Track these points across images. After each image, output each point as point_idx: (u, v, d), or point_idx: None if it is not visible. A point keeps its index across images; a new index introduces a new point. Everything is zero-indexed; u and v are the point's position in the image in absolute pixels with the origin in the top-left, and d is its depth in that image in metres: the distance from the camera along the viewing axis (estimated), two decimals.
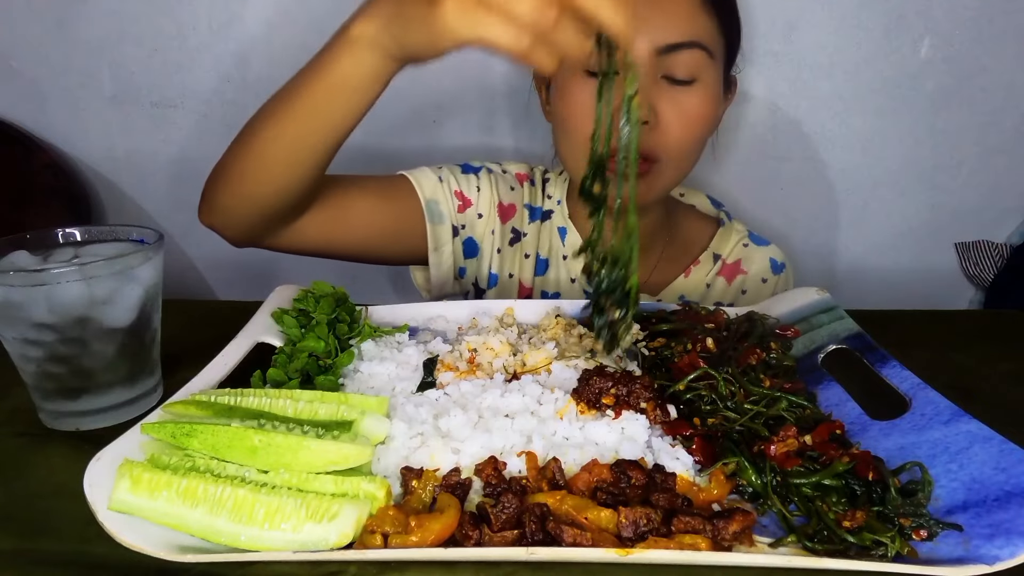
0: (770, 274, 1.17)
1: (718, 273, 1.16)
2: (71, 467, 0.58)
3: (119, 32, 1.41)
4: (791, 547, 0.53)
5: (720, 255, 1.17)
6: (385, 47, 0.73)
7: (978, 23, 1.39)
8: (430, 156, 1.51)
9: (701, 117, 0.97)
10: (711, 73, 0.97)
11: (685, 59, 0.93)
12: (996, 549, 0.49)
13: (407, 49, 0.72)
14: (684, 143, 0.97)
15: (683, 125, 0.96)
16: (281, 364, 0.74)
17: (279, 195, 0.88)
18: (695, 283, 1.16)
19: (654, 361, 0.77)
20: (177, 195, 1.54)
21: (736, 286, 1.17)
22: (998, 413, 0.61)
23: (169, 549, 0.50)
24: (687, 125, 0.96)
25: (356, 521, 0.51)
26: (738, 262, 1.17)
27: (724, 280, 1.17)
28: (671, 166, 0.99)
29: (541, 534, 0.51)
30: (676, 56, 0.92)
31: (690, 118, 0.96)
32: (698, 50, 0.93)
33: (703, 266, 1.16)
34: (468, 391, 0.68)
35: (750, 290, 1.16)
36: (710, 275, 1.16)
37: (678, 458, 0.60)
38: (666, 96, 0.94)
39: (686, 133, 0.97)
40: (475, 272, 1.16)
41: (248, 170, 0.87)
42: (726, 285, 1.16)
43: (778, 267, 1.17)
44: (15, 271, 0.67)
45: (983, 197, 1.55)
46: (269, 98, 0.87)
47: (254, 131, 0.86)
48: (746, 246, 1.18)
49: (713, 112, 0.99)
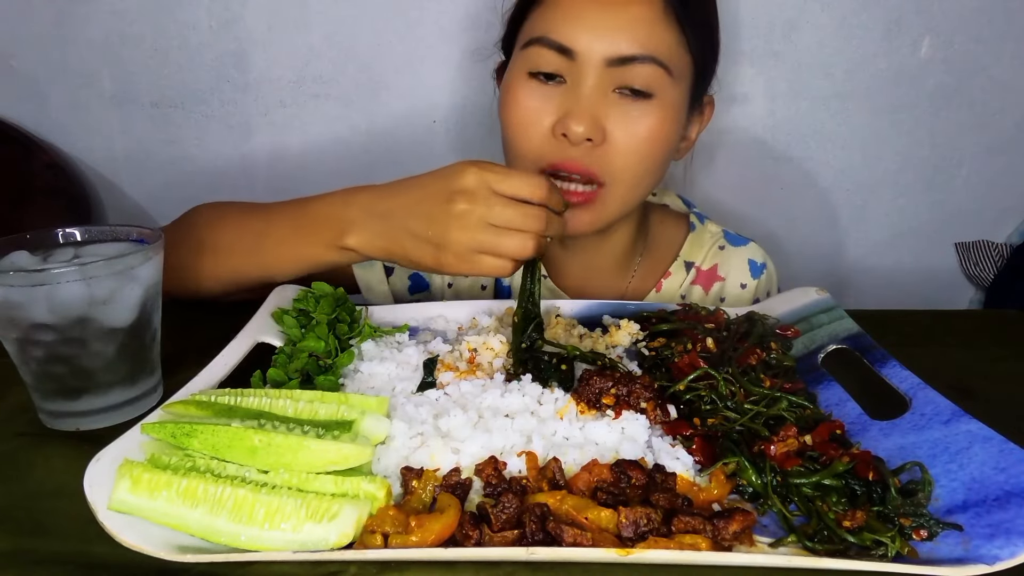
0: (749, 278, 1.11)
1: (692, 282, 1.11)
2: (71, 467, 0.58)
3: (119, 32, 1.41)
4: (791, 547, 0.53)
5: (693, 262, 1.11)
6: (373, 258, 0.85)
7: (978, 23, 1.39)
8: (430, 156, 1.51)
9: (654, 136, 0.88)
10: (671, 92, 0.89)
11: (639, 72, 0.86)
12: (996, 549, 0.49)
13: (399, 264, 0.83)
14: (633, 164, 0.89)
15: (632, 144, 0.88)
16: (281, 364, 0.74)
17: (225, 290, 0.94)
18: (669, 296, 1.10)
19: (654, 361, 0.77)
20: (177, 195, 1.54)
21: (714, 294, 1.11)
22: (998, 413, 0.61)
23: (169, 549, 0.50)
24: (637, 144, 0.88)
25: (356, 521, 0.51)
26: (714, 268, 1.11)
27: (701, 289, 1.11)
28: (619, 190, 0.91)
29: (541, 534, 0.51)
30: (629, 69, 0.85)
31: (641, 136, 0.88)
32: (652, 65, 0.86)
33: (675, 277, 1.10)
34: (468, 391, 0.68)
35: (729, 297, 1.12)
36: (684, 285, 1.10)
37: (678, 458, 0.60)
38: (616, 110, 0.87)
39: (634, 153, 0.88)
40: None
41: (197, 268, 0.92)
42: (703, 294, 1.11)
43: (757, 269, 1.12)
44: (15, 271, 0.67)
45: (983, 197, 1.55)
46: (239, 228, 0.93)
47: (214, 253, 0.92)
48: (722, 248, 1.12)
49: (669, 132, 0.90)
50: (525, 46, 0.90)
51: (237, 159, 1.51)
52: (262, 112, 1.48)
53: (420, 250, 0.78)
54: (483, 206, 0.74)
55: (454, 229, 0.75)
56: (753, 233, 1.19)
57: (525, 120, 0.90)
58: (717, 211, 1.47)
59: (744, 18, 1.40)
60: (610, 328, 0.85)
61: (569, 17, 0.87)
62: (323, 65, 1.44)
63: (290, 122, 1.48)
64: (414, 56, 1.43)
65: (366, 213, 0.82)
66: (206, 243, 0.92)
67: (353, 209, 0.83)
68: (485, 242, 0.75)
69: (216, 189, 1.52)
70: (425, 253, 0.78)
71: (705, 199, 1.50)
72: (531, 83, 0.89)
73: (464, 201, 0.75)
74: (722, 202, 1.52)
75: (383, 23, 1.41)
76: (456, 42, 1.41)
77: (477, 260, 0.76)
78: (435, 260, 0.77)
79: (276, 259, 0.89)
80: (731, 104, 1.46)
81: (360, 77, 1.45)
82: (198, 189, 1.53)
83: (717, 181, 1.52)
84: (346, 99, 1.47)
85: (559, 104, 0.88)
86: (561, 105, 0.88)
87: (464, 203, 0.75)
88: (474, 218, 0.75)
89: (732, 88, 1.45)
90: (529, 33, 0.91)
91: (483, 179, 0.75)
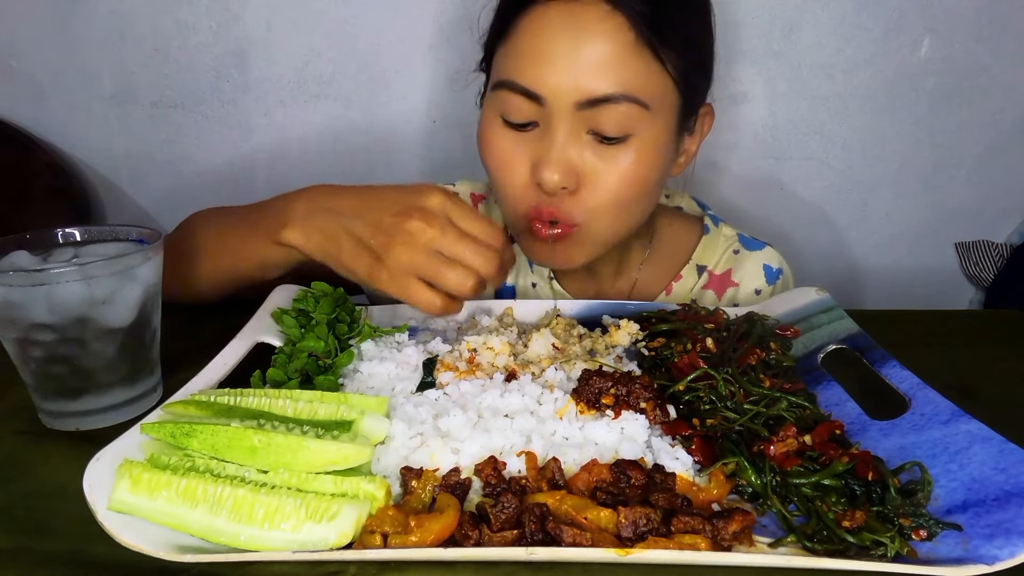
0: (764, 284, 1.07)
1: (704, 286, 1.07)
2: (71, 467, 0.57)
3: (119, 32, 1.41)
4: (791, 547, 0.53)
5: (705, 266, 1.07)
6: (314, 257, 0.80)
7: (978, 23, 1.40)
8: (430, 156, 1.51)
9: (631, 180, 0.84)
10: (650, 128, 0.83)
11: (612, 114, 0.80)
12: (996, 549, 0.49)
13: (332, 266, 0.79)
14: (609, 206, 0.85)
15: (608, 189, 0.84)
16: (281, 364, 0.74)
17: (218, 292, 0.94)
18: (678, 300, 1.06)
19: (654, 361, 0.77)
20: (177, 195, 1.54)
21: (727, 300, 1.07)
22: (998, 413, 0.61)
23: (169, 549, 0.50)
24: (613, 189, 0.84)
25: (356, 521, 0.51)
26: (728, 272, 1.07)
27: (713, 294, 1.07)
28: (597, 227, 0.88)
29: (541, 534, 0.51)
30: (601, 110, 0.80)
31: (617, 182, 0.84)
32: (626, 103, 0.80)
33: (686, 280, 1.06)
34: (468, 391, 0.68)
35: (742, 303, 1.06)
36: (695, 289, 1.06)
37: (678, 458, 0.60)
38: (591, 153, 0.83)
39: (610, 197, 0.84)
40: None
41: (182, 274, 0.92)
42: (716, 300, 1.07)
43: (773, 275, 1.07)
44: (15, 271, 0.67)
45: (983, 197, 1.55)
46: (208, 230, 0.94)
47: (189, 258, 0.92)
48: (737, 252, 1.08)
49: (648, 170, 0.85)
50: (495, 88, 0.87)
51: (237, 159, 1.52)
52: (262, 112, 1.48)
53: (357, 257, 0.75)
54: (437, 230, 0.72)
55: (399, 244, 0.72)
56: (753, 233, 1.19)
57: (502, 165, 0.88)
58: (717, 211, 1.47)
59: (744, 18, 1.40)
60: (610, 328, 0.85)
61: (534, 60, 0.82)
62: (323, 65, 1.44)
63: (290, 122, 1.49)
64: (414, 56, 1.43)
65: (312, 207, 0.80)
66: (193, 247, 0.92)
67: (301, 202, 0.81)
68: (426, 267, 0.72)
69: (216, 189, 1.52)
70: (361, 261, 0.74)
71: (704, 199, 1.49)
72: (503, 130, 0.87)
73: (420, 219, 0.72)
74: (722, 202, 1.52)
75: (383, 23, 1.41)
76: (456, 42, 1.42)
77: (410, 285, 0.72)
78: (368, 271, 0.74)
79: (235, 259, 0.89)
80: (731, 104, 1.46)
81: (360, 77, 1.45)
82: (198, 189, 1.53)
83: (717, 181, 1.52)
84: (346, 99, 1.47)
85: (531, 150, 0.85)
86: (533, 152, 0.85)
87: (419, 221, 0.72)
88: (424, 239, 0.72)
89: (732, 88, 1.45)
90: (497, 74, 0.87)
91: (446, 206, 0.73)
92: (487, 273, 0.73)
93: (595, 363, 0.75)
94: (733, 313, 0.88)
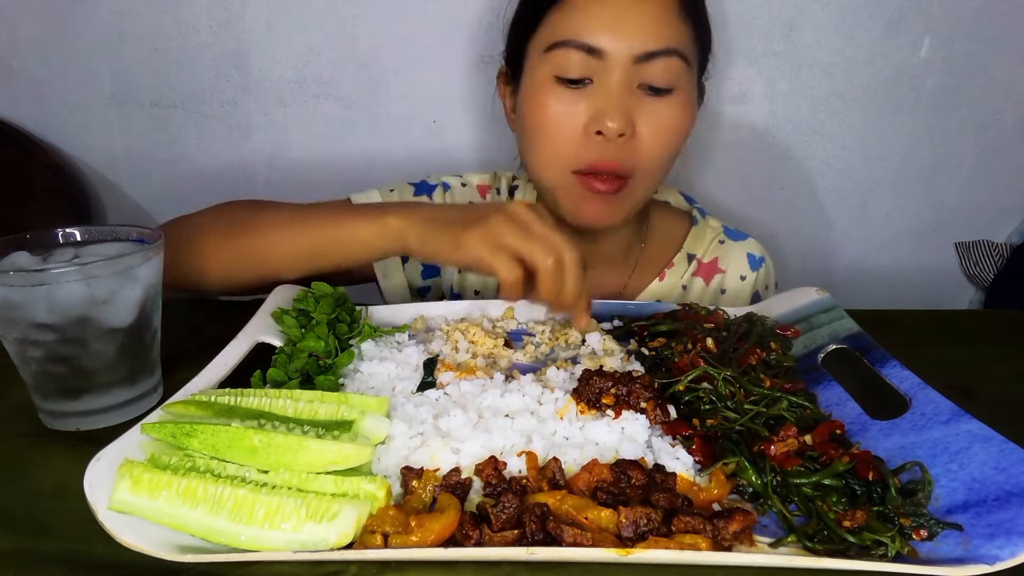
0: (748, 270, 1.14)
1: (694, 274, 1.14)
2: (71, 467, 0.58)
3: (119, 32, 1.41)
4: (791, 547, 0.53)
5: (695, 255, 1.14)
6: (405, 242, 0.84)
7: (978, 23, 1.40)
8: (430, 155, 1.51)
9: (678, 129, 0.95)
10: (688, 81, 0.94)
11: (662, 67, 0.90)
12: (996, 549, 0.49)
13: (425, 248, 0.83)
14: (659, 157, 0.95)
15: (659, 138, 0.93)
16: (281, 364, 0.74)
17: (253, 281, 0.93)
18: (670, 286, 1.13)
19: (654, 361, 0.77)
20: (177, 195, 1.54)
21: (714, 286, 1.14)
22: (998, 413, 0.61)
23: (169, 549, 0.50)
24: (663, 138, 0.93)
25: (356, 521, 0.51)
26: (715, 261, 1.14)
27: (702, 281, 1.14)
28: (644, 182, 0.96)
29: (541, 534, 0.51)
30: (654, 64, 0.90)
31: (666, 130, 0.93)
32: (675, 58, 0.91)
33: (678, 268, 1.14)
34: (468, 391, 0.68)
35: (729, 289, 1.14)
36: (685, 276, 1.13)
37: (678, 458, 0.60)
38: (643, 108, 0.92)
39: (661, 146, 0.94)
40: (437, 292, 1.14)
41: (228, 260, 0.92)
42: (704, 286, 1.14)
43: (756, 262, 1.14)
44: (15, 271, 0.67)
45: (983, 197, 1.55)
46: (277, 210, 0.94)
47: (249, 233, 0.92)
48: (722, 243, 1.15)
49: (689, 123, 0.97)
50: (548, 50, 0.92)
51: (237, 159, 1.51)
52: (262, 112, 1.48)
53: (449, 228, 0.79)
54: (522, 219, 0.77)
55: (492, 216, 0.77)
56: (753, 232, 1.19)
57: (557, 124, 0.93)
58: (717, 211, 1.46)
59: (744, 18, 1.40)
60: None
61: (593, 18, 0.90)
62: (323, 65, 1.44)
63: (290, 122, 1.49)
64: (414, 56, 1.43)
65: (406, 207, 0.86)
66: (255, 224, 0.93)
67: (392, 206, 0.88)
68: (512, 237, 0.76)
69: (216, 189, 1.52)
70: (453, 230, 0.79)
71: (705, 198, 1.49)
72: (558, 88, 0.92)
73: (505, 214, 0.78)
74: (722, 202, 1.52)
75: (383, 23, 1.41)
76: (456, 42, 1.41)
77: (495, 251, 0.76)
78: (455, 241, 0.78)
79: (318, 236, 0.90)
80: (731, 104, 1.46)
81: (360, 77, 1.45)
82: (198, 189, 1.53)
83: (717, 180, 1.52)
84: (346, 99, 1.47)
85: (588, 105, 0.91)
86: (591, 105, 0.91)
87: (504, 214, 0.78)
88: (510, 219, 0.77)
89: (732, 88, 1.45)
90: (550, 37, 0.93)
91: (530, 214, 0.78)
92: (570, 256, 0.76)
93: (596, 363, 0.75)
94: (733, 313, 0.88)
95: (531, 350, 0.81)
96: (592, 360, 0.76)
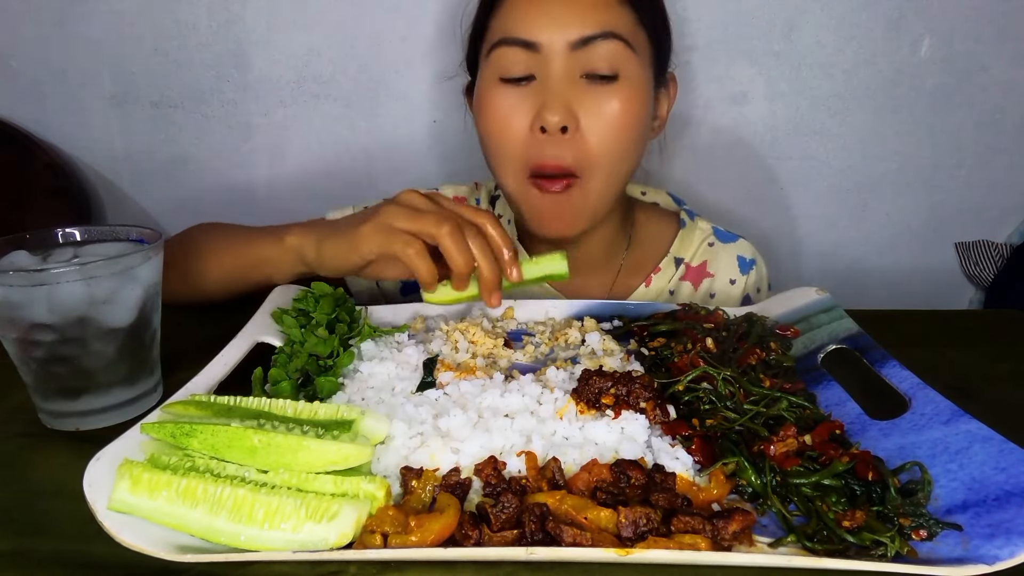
0: (738, 274, 1.11)
1: (682, 278, 1.10)
2: (71, 467, 0.58)
3: (119, 32, 1.41)
4: (791, 547, 0.53)
5: (683, 259, 1.11)
6: (304, 257, 0.87)
7: (978, 23, 1.39)
8: (431, 155, 1.51)
9: (625, 119, 0.90)
10: (634, 67, 0.91)
11: (602, 51, 0.88)
12: (996, 549, 0.49)
13: (324, 259, 0.85)
14: (608, 151, 0.90)
15: (606, 129, 0.89)
16: (281, 364, 0.74)
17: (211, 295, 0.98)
18: (657, 291, 1.10)
19: (654, 361, 0.77)
20: (177, 195, 1.54)
21: (703, 290, 1.11)
22: (998, 413, 0.61)
23: (169, 549, 0.50)
24: (610, 130, 0.89)
25: (356, 521, 0.51)
26: (704, 264, 1.11)
27: (690, 285, 1.11)
28: (597, 180, 0.92)
29: (541, 534, 0.51)
30: (592, 49, 0.88)
31: (613, 121, 0.89)
32: (615, 40, 0.88)
33: (665, 272, 1.10)
34: (468, 391, 0.68)
35: (718, 294, 1.11)
36: (673, 281, 1.10)
37: (678, 458, 0.60)
38: (587, 97, 0.89)
39: (610, 139, 0.90)
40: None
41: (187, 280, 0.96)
42: (692, 290, 1.11)
43: (746, 265, 1.11)
44: (15, 271, 0.67)
45: (983, 197, 1.55)
46: (222, 234, 0.98)
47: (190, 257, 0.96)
48: (711, 245, 1.12)
49: (639, 111, 0.92)
50: (490, 52, 0.93)
51: (237, 159, 1.51)
52: (262, 112, 1.48)
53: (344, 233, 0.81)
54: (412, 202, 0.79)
55: (382, 207, 0.79)
56: (753, 233, 1.19)
57: (502, 124, 0.92)
58: (717, 211, 1.47)
59: (744, 18, 1.40)
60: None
61: (527, 12, 0.90)
62: (323, 65, 1.44)
63: (290, 122, 1.49)
64: (414, 56, 1.43)
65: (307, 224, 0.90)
66: (200, 249, 0.96)
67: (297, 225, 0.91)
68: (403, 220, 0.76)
69: (216, 189, 1.52)
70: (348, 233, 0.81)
71: (705, 199, 1.50)
72: (502, 88, 0.92)
73: (395, 201, 0.80)
74: (722, 202, 1.52)
75: (383, 23, 1.41)
76: (456, 42, 1.41)
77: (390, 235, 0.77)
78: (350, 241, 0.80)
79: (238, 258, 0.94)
80: (731, 104, 1.46)
81: (360, 77, 1.45)
82: (198, 189, 1.53)
83: (717, 181, 1.52)
84: (346, 99, 1.47)
85: (532, 102, 0.90)
86: (535, 102, 0.90)
87: (394, 202, 0.79)
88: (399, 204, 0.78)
89: (732, 88, 1.45)
90: (491, 39, 0.93)
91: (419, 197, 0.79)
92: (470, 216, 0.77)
93: (596, 363, 0.75)
94: (732, 313, 0.88)
95: (531, 350, 0.81)
96: (592, 360, 0.76)
